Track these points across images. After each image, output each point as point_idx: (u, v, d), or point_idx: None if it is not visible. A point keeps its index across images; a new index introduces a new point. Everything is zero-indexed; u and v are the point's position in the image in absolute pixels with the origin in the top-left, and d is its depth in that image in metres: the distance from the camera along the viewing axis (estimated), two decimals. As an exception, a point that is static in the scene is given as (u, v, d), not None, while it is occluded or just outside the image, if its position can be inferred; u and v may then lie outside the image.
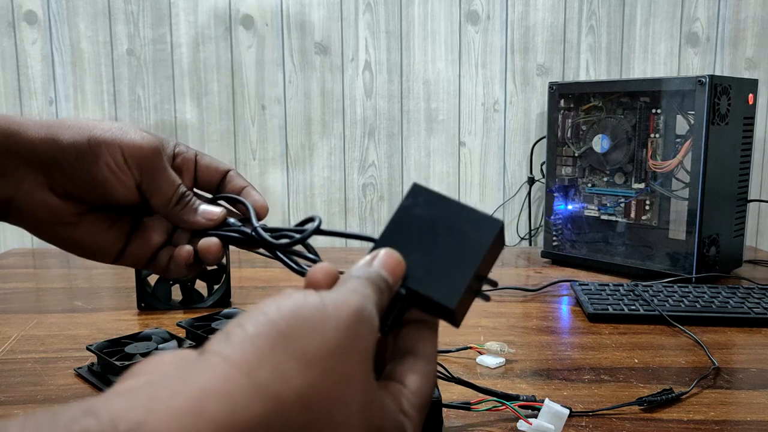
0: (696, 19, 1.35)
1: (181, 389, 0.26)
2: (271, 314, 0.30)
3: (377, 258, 0.37)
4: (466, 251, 0.39)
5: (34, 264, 1.22)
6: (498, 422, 0.56)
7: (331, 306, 0.31)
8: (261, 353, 0.29)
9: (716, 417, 0.58)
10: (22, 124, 0.47)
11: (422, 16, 1.35)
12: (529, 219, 1.40)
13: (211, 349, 0.29)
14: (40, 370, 0.68)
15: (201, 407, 0.26)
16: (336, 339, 0.31)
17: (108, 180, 0.48)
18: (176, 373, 0.28)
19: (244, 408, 0.27)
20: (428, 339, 0.40)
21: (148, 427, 0.24)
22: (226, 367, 0.28)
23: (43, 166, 0.47)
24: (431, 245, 0.39)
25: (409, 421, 0.35)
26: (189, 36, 1.34)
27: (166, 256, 0.52)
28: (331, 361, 0.30)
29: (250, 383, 0.27)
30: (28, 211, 0.48)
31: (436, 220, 0.40)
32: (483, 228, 0.40)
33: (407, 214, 0.41)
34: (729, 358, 0.72)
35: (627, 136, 1.10)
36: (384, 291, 0.36)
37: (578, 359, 0.72)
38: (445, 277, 0.38)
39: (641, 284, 0.95)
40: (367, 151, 1.39)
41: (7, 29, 1.32)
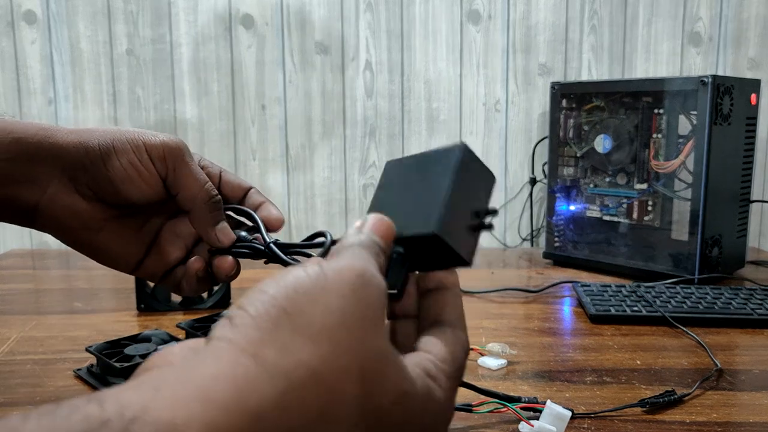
0: (698, 18, 1.34)
1: (188, 377, 0.26)
2: (272, 292, 0.29)
3: (366, 224, 0.37)
4: (435, 186, 0.37)
5: (33, 265, 1.22)
6: (500, 424, 0.56)
7: (331, 274, 0.30)
8: (265, 333, 0.28)
9: (719, 419, 0.57)
10: (50, 129, 0.49)
11: (423, 16, 1.35)
12: (531, 220, 1.40)
13: (215, 336, 0.28)
14: (40, 372, 0.68)
15: (208, 393, 0.25)
16: (341, 308, 0.30)
17: (133, 177, 0.49)
18: (183, 362, 0.27)
19: (253, 391, 0.26)
20: (450, 305, 0.38)
21: (153, 414, 0.24)
22: (232, 351, 0.27)
23: (70, 170, 0.49)
24: (409, 199, 0.39)
25: (438, 385, 0.34)
26: (189, 36, 1.34)
27: (180, 272, 0.54)
28: (339, 331, 0.29)
29: (258, 364, 0.27)
30: (54, 216, 0.49)
31: (409, 175, 0.40)
32: (447, 156, 0.38)
33: (385, 188, 0.41)
34: (732, 360, 0.71)
35: (629, 136, 1.09)
36: (379, 254, 0.35)
37: (580, 361, 0.71)
38: (422, 211, 0.37)
39: (643, 285, 0.95)
40: (368, 151, 1.38)
41: (6, 29, 1.31)
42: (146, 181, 0.49)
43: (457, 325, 0.38)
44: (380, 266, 0.35)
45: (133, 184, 0.49)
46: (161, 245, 0.53)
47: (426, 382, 0.33)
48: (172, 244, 0.54)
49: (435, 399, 0.33)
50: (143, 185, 0.49)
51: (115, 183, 0.49)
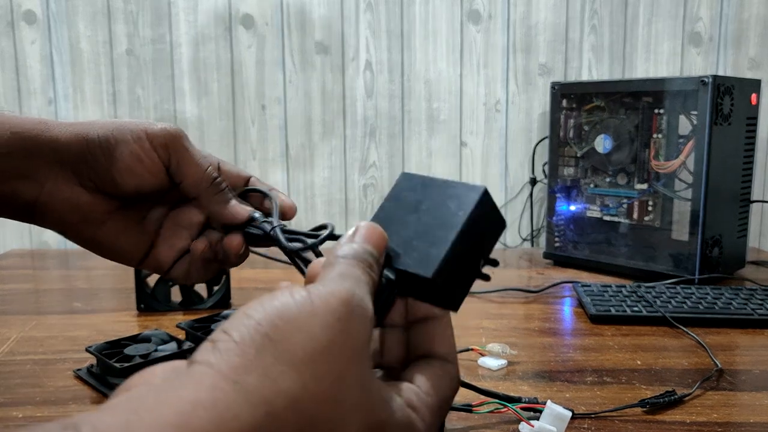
0: (699, 18, 1.34)
1: (167, 400, 0.26)
2: (257, 317, 0.29)
3: (358, 233, 0.36)
4: (447, 222, 0.37)
5: (33, 265, 1.22)
6: (500, 424, 0.56)
7: (318, 301, 0.30)
8: (248, 359, 0.28)
9: (719, 419, 0.57)
10: (48, 123, 0.48)
11: (423, 16, 1.35)
12: (531, 220, 1.40)
13: (197, 359, 0.28)
14: (39, 372, 0.68)
15: (187, 419, 0.25)
16: (326, 337, 0.30)
17: (135, 167, 0.48)
18: (163, 385, 0.27)
19: (233, 417, 0.26)
20: (440, 336, 0.38)
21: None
22: (213, 376, 0.27)
23: (70, 163, 0.48)
24: (413, 223, 0.38)
25: (420, 417, 0.34)
26: (189, 35, 1.34)
27: (186, 262, 0.53)
28: (321, 361, 0.29)
29: (238, 391, 0.27)
30: (54, 210, 0.48)
31: (422, 200, 0.39)
32: (465, 196, 0.38)
33: (395, 200, 0.40)
34: (732, 360, 0.71)
35: (629, 136, 1.09)
36: (373, 265, 0.35)
37: (581, 361, 0.71)
38: (424, 250, 0.36)
39: (644, 285, 0.95)
40: (368, 151, 1.38)
41: (6, 29, 1.31)
42: (149, 169, 0.48)
43: (448, 357, 0.38)
44: (372, 279, 0.34)
45: (136, 174, 0.48)
46: (165, 236, 0.53)
47: (407, 413, 0.33)
48: (176, 234, 0.53)
49: (414, 430, 0.33)
50: (146, 174, 0.48)
51: (117, 173, 0.48)
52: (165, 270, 0.53)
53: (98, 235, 0.50)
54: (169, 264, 0.52)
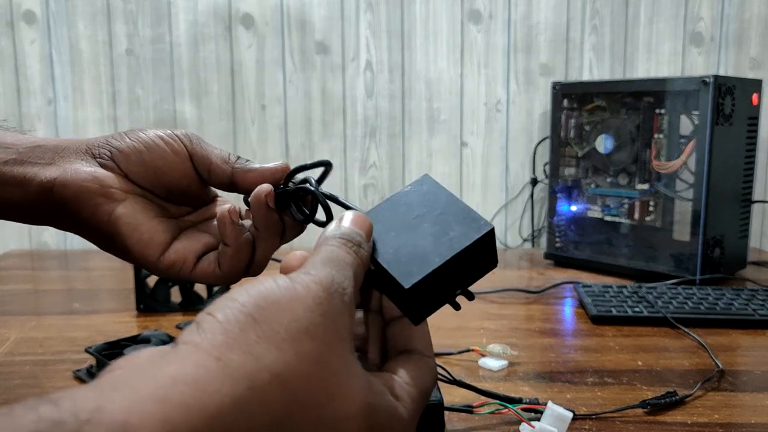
0: (700, 18, 1.34)
1: (149, 377, 0.26)
2: (241, 300, 0.30)
3: (345, 218, 0.37)
4: (445, 244, 0.38)
5: (32, 265, 1.22)
6: (500, 425, 0.56)
7: (300, 286, 0.31)
8: (231, 337, 0.28)
9: (720, 420, 0.57)
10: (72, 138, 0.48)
11: (424, 16, 1.35)
12: (532, 220, 1.39)
13: (182, 340, 0.29)
14: (39, 373, 0.67)
15: (167, 393, 0.25)
16: (307, 318, 0.30)
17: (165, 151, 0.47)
18: (147, 364, 0.27)
19: (215, 392, 0.26)
20: (417, 333, 0.39)
21: (108, 414, 0.24)
22: (197, 353, 0.28)
23: (91, 147, 0.47)
24: (414, 231, 0.39)
25: (402, 406, 0.35)
26: (188, 35, 1.33)
27: (213, 257, 0.49)
28: (304, 340, 0.30)
29: (221, 367, 0.27)
30: (73, 184, 0.45)
31: (430, 209, 0.40)
32: (471, 227, 0.39)
33: (405, 198, 0.41)
34: (733, 361, 0.71)
35: (630, 136, 1.09)
36: (362, 244, 0.36)
37: (581, 362, 0.71)
38: (413, 260, 0.37)
39: (645, 286, 0.95)
40: (368, 151, 1.38)
41: (6, 29, 1.31)
42: (176, 154, 0.47)
43: (425, 352, 0.39)
44: (360, 259, 0.35)
45: (158, 149, 0.47)
46: (189, 233, 0.49)
47: (390, 400, 0.34)
48: (199, 232, 0.50)
49: (398, 416, 0.34)
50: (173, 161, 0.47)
51: (140, 150, 0.47)
52: (189, 266, 0.48)
53: (117, 213, 0.45)
54: (195, 256, 0.48)
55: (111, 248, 0.48)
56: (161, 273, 0.48)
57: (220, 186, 0.50)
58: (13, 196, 0.46)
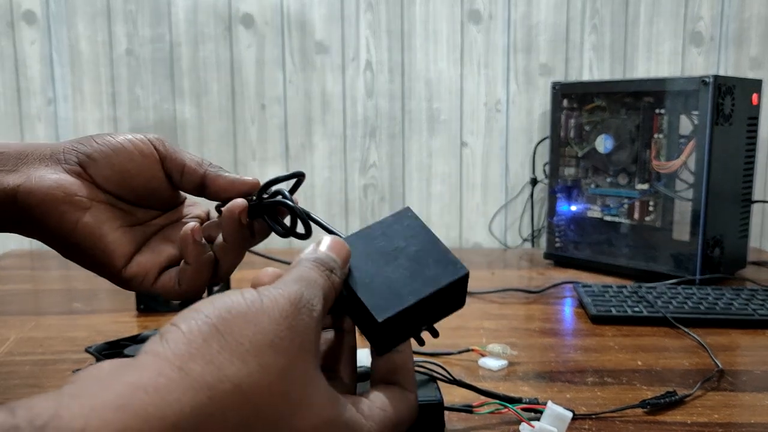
0: (700, 18, 1.34)
1: (108, 386, 0.26)
2: (205, 311, 0.30)
3: (323, 242, 0.38)
4: (421, 281, 0.39)
5: (32, 265, 1.22)
6: (500, 425, 0.56)
7: (267, 299, 0.31)
8: (194, 347, 0.28)
9: (720, 420, 0.57)
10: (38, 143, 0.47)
11: (424, 16, 1.35)
12: (532, 220, 1.39)
13: (144, 350, 0.29)
14: (39, 373, 0.67)
15: (127, 401, 0.25)
16: (273, 331, 0.30)
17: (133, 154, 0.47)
18: (107, 374, 0.27)
19: (175, 401, 0.26)
20: (401, 367, 0.39)
21: (65, 421, 0.24)
22: (158, 363, 0.27)
23: (56, 153, 0.47)
24: (391, 264, 0.39)
25: (368, 423, 0.34)
26: (188, 35, 1.33)
27: (174, 272, 0.49)
28: (268, 353, 0.30)
29: (182, 376, 0.27)
30: (38, 191, 0.44)
31: (409, 244, 0.40)
32: (448, 269, 0.40)
33: (384, 228, 0.41)
34: (733, 360, 0.71)
35: (630, 136, 1.09)
36: (335, 269, 0.36)
37: (581, 361, 0.71)
38: (387, 293, 0.38)
39: (645, 286, 0.95)
40: (368, 151, 1.38)
41: (6, 29, 1.31)
42: (145, 157, 0.47)
43: (408, 387, 0.39)
44: (331, 283, 0.35)
45: (125, 152, 0.46)
46: (154, 244, 0.49)
47: (354, 416, 0.34)
48: (166, 243, 0.50)
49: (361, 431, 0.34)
50: (141, 163, 0.47)
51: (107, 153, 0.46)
52: (152, 277, 0.48)
53: (82, 222, 0.45)
54: (157, 270, 0.48)
55: (74, 257, 0.48)
56: (122, 284, 0.48)
57: (191, 190, 0.50)
58: None
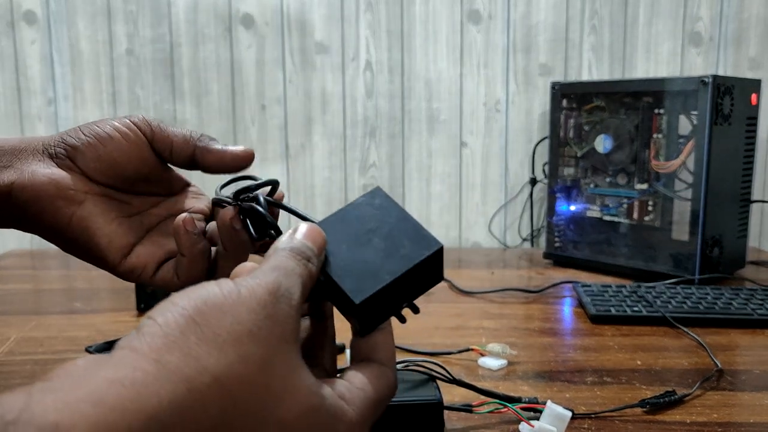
0: (699, 18, 1.34)
1: (83, 381, 0.25)
2: (182, 303, 0.30)
3: (299, 231, 0.37)
4: (396, 260, 0.39)
5: (33, 265, 1.22)
6: (500, 424, 0.56)
7: (244, 289, 0.31)
8: (170, 340, 0.28)
9: (719, 419, 0.57)
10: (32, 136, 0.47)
11: (423, 16, 1.35)
12: (531, 220, 1.40)
13: (120, 345, 0.28)
14: (39, 372, 0.68)
15: (102, 396, 0.25)
16: (251, 321, 0.30)
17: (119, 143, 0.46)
18: (82, 370, 0.26)
19: (153, 394, 0.26)
20: (381, 344, 0.39)
21: (37, 416, 0.23)
22: (134, 357, 0.27)
23: (52, 146, 0.46)
24: (365, 245, 0.39)
25: (351, 408, 0.34)
26: (188, 35, 1.34)
27: (173, 265, 0.48)
28: (247, 343, 0.29)
29: (159, 369, 0.27)
30: (32, 187, 0.44)
31: (381, 224, 0.41)
32: (421, 245, 0.40)
33: (356, 210, 0.41)
34: (732, 360, 0.71)
35: (629, 136, 1.09)
36: (311, 258, 0.36)
37: (581, 361, 0.71)
38: (363, 274, 0.38)
39: (644, 285, 0.95)
40: (368, 151, 1.38)
41: (6, 29, 1.31)
42: (125, 136, 0.46)
43: (387, 364, 0.39)
44: (308, 271, 0.35)
45: (113, 142, 0.46)
46: (154, 236, 0.49)
47: (336, 402, 0.33)
48: (165, 236, 0.49)
49: (344, 418, 0.33)
50: (123, 142, 0.46)
51: (95, 145, 0.46)
52: (150, 270, 0.48)
53: (78, 215, 0.45)
54: (155, 264, 0.48)
55: (72, 250, 0.48)
56: (121, 276, 0.48)
57: (183, 164, 0.49)
58: None
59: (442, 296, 0.97)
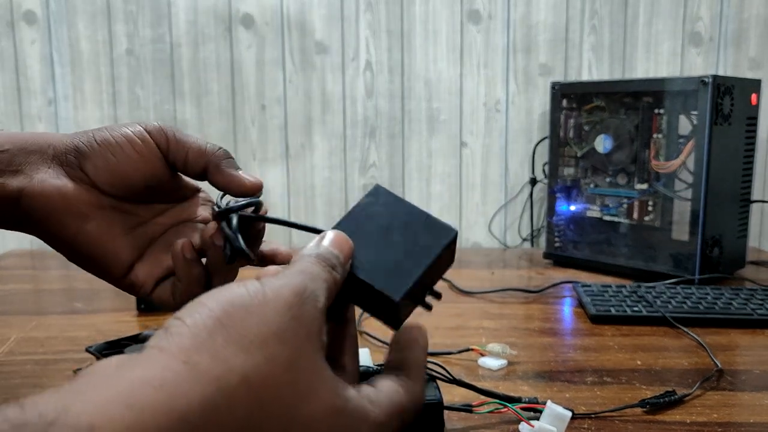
0: (699, 18, 1.34)
1: (115, 381, 0.26)
2: (210, 304, 0.30)
3: (325, 238, 0.38)
4: (418, 252, 0.40)
5: (33, 265, 1.22)
6: (500, 424, 0.56)
7: (270, 291, 0.31)
8: (199, 341, 0.28)
9: (719, 419, 0.57)
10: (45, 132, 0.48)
11: (423, 16, 1.35)
12: (531, 220, 1.40)
13: (150, 344, 0.29)
14: (40, 372, 0.68)
15: (134, 397, 0.25)
16: (277, 323, 0.30)
17: (130, 154, 0.46)
18: (114, 370, 0.27)
19: (182, 395, 0.26)
20: (414, 360, 0.39)
21: (73, 416, 0.24)
22: (164, 357, 0.28)
23: (62, 153, 0.46)
24: (384, 242, 0.40)
25: (375, 411, 0.34)
26: (188, 35, 1.34)
27: (171, 282, 0.49)
28: (273, 344, 0.30)
29: (189, 370, 0.27)
30: (41, 196, 0.45)
31: (393, 220, 0.41)
32: (438, 233, 0.41)
33: (364, 211, 0.42)
34: (732, 360, 0.71)
35: (629, 136, 1.09)
36: (336, 266, 0.36)
37: (581, 361, 0.71)
38: (393, 272, 0.39)
39: (644, 285, 0.95)
40: (368, 151, 1.38)
41: (6, 29, 1.31)
42: (140, 150, 0.46)
43: (416, 380, 0.39)
44: (333, 278, 0.35)
45: (126, 157, 0.46)
46: (155, 251, 0.49)
47: (360, 403, 0.34)
48: (164, 250, 0.49)
49: (368, 421, 0.34)
50: (136, 156, 0.46)
51: (107, 157, 0.45)
52: (148, 288, 0.49)
53: (83, 231, 0.46)
54: (153, 282, 0.49)
55: (76, 261, 0.49)
56: (124, 290, 0.49)
57: (195, 177, 0.49)
58: None
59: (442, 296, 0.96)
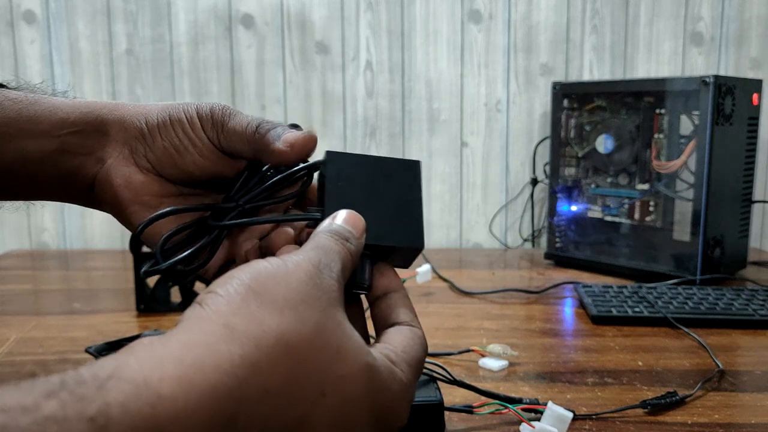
0: (700, 18, 1.34)
1: (161, 346, 0.28)
2: (238, 276, 0.32)
3: (338, 216, 0.39)
4: (405, 194, 0.42)
5: (32, 265, 1.22)
6: (501, 425, 0.56)
7: (291, 263, 0.34)
8: (235, 306, 0.30)
9: (720, 420, 0.57)
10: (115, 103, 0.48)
11: (424, 15, 1.35)
12: (532, 220, 1.39)
13: (185, 316, 0.31)
14: (39, 372, 0.67)
15: (182, 355, 0.27)
16: (302, 289, 0.32)
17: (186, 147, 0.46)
18: (157, 340, 0.29)
19: (225, 353, 0.28)
20: (401, 306, 0.41)
21: (127, 373, 0.25)
22: (202, 322, 0.30)
23: (131, 140, 0.47)
24: (373, 201, 0.42)
25: (400, 369, 0.36)
26: (188, 35, 1.33)
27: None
28: (302, 308, 0.32)
29: (228, 331, 0.29)
30: (111, 185, 0.47)
31: (366, 177, 0.43)
32: (406, 170, 0.44)
33: (338, 181, 0.42)
34: (733, 361, 0.71)
35: (631, 136, 1.09)
36: (351, 240, 0.38)
37: (582, 362, 0.71)
38: (400, 223, 0.41)
39: (645, 286, 0.95)
40: (369, 151, 1.38)
41: (6, 29, 1.31)
42: (199, 150, 0.46)
43: (413, 323, 0.41)
44: (348, 251, 0.38)
45: (188, 154, 0.46)
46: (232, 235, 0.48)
47: (387, 363, 0.35)
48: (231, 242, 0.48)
49: (398, 379, 0.35)
50: (196, 155, 0.46)
51: (171, 153, 0.46)
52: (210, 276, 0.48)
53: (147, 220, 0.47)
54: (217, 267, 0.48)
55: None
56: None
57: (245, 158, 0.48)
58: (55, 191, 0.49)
59: (442, 297, 0.96)
